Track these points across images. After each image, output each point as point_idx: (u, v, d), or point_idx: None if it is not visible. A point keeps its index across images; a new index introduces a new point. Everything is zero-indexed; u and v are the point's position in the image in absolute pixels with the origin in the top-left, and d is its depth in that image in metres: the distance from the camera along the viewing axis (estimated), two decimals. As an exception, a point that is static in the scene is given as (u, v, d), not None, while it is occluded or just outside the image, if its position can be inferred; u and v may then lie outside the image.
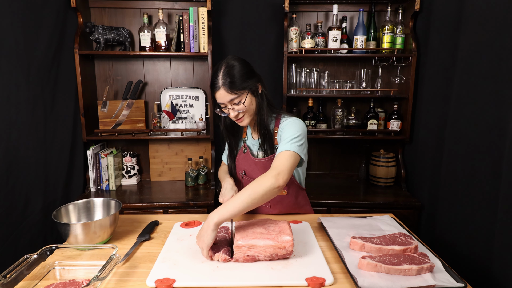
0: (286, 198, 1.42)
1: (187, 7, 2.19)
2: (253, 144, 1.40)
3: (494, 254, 1.27)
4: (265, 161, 1.34)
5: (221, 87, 1.21)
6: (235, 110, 1.25)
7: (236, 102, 1.23)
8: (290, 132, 1.24)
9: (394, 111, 2.26)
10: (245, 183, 1.44)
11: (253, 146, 1.40)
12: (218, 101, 1.25)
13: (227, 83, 1.20)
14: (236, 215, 1.06)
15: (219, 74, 1.21)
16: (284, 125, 1.29)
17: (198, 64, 2.38)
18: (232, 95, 1.21)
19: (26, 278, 0.93)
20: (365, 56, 2.23)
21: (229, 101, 1.22)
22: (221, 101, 1.24)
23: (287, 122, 1.29)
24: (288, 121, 1.29)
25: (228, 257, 1.02)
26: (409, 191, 2.25)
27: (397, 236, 1.11)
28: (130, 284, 0.94)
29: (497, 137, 1.32)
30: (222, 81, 1.20)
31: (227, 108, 1.26)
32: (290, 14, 2.20)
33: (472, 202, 1.47)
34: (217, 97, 1.24)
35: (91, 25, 2.08)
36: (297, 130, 1.25)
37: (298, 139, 1.23)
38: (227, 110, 1.27)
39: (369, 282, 0.89)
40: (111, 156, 2.20)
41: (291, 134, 1.24)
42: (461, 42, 1.60)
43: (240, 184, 1.48)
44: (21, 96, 1.65)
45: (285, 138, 1.24)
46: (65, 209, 1.21)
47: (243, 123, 1.30)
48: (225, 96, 1.21)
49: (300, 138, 1.24)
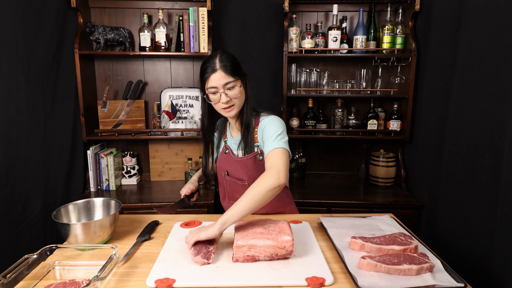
0: None
1: (187, 7, 2.19)
2: (233, 143, 1.41)
3: (494, 254, 1.27)
4: (245, 160, 1.36)
5: (218, 69, 1.22)
6: (227, 95, 1.25)
7: (230, 87, 1.24)
8: (273, 130, 1.25)
9: (394, 111, 2.26)
10: (227, 183, 1.45)
11: (233, 145, 1.41)
12: (212, 84, 1.23)
13: (225, 67, 1.22)
14: (242, 217, 1.07)
15: (215, 59, 1.24)
16: (263, 124, 1.31)
17: (198, 64, 2.38)
18: (229, 78, 1.22)
19: (26, 278, 0.93)
20: (365, 56, 2.23)
21: (224, 84, 1.23)
22: (216, 84, 1.23)
23: (266, 121, 1.31)
24: (267, 120, 1.31)
25: (205, 261, 1.00)
26: (409, 191, 2.25)
27: (397, 236, 1.11)
28: (130, 284, 0.94)
29: (497, 137, 1.32)
30: (220, 64, 1.23)
31: (219, 93, 1.25)
32: (290, 14, 2.20)
33: (472, 202, 1.47)
34: (211, 79, 1.23)
35: (91, 25, 2.08)
36: (279, 127, 1.27)
37: (282, 136, 1.25)
38: (218, 95, 1.25)
39: (369, 282, 0.89)
40: (111, 156, 2.20)
41: (274, 131, 1.25)
42: (461, 42, 1.60)
43: (222, 185, 1.48)
44: (21, 96, 1.65)
45: (270, 137, 1.24)
46: (65, 209, 1.21)
47: (232, 112, 1.29)
48: (221, 78, 1.22)
49: (284, 134, 1.26)
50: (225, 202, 1.53)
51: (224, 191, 1.49)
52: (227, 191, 1.48)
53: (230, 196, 1.48)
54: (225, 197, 1.51)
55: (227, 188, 1.47)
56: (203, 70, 1.26)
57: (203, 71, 1.26)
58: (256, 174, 1.32)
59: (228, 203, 1.50)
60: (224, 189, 1.49)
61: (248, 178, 1.37)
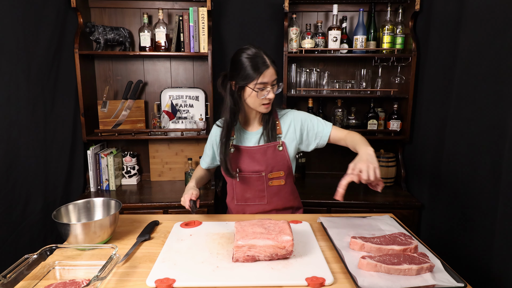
0: (284, 188, 1.44)
1: (187, 7, 2.19)
2: (252, 137, 1.43)
3: (494, 254, 1.27)
4: (265, 147, 1.39)
5: (270, 65, 1.28)
6: (273, 91, 1.32)
7: (274, 84, 1.31)
8: (314, 119, 1.43)
9: (394, 111, 2.26)
10: (238, 183, 1.45)
11: (252, 139, 1.43)
12: (264, 80, 1.28)
13: (274, 63, 1.30)
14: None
15: (261, 54, 1.29)
16: (291, 118, 1.43)
17: (198, 64, 2.38)
18: (276, 74, 1.30)
19: (26, 278, 0.93)
20: (365, 56, 2.23)
21: (273, 80, 1.30)
22: (268, 79, 1.29)
23: (295, 115, 1.44)
24: (295, 114, 1.44)
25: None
26: (409, 191, 2.25)
27: (397, 236, 1.11)
28: (130, 284, 0.94)
29: (497, 137, 1.32)
30: (270, 60, 1.29)
31: (266, 89, 1.30)
32: (290, 14, 2.20)
33: (472, 202, 1.47)
34: (264, 75, 1.27)
35: (91, 25, 2.08)
36: (312, 115, 1.45)
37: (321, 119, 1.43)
38: (266, 91, 1.30)
39: (369, 282, 0.89)
40: (111, 156, 2.20)
41: (316, 119, 1.43)
42: (461, 42, 1.60)
43: (231, 186, 1.48)
44: (21, 96, 1.65)
45: (317, 121, 1.42)
46: (65, 209, 1.21)
47: (269, 108, 1.37)
48: (273, 75, 1.29)
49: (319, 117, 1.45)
50: (233, 204, 1.50)
51: (233, 192, 1.48)
52: (236, 192, 1.47)
53: (239, 197, 1.47)
54: (233, 199, 1.49)
55: (236, 189, 1.46)
56: (257, 63, 1.27)
57: (258, 65, 1.27)
58: (273, 163, 1.39)
59: (237, 205, 1.48)
60: (233, 190, 1.48)
61: (266, 168, 1.39)
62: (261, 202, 1.45)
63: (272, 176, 1.41)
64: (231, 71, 1.35)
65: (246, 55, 1.29)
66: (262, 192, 1.43)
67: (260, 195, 1.44)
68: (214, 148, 1.51)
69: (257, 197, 1.44)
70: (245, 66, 1.28)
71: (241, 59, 1.30)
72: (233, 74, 1.33)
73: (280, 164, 1.40)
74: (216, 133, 1.48)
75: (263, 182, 1.42)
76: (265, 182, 1.42)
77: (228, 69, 1.38)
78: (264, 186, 1.42)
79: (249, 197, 1.45)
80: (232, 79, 1.34)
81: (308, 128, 1.42)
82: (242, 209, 1.49)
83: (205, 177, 1.60)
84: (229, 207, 1.55)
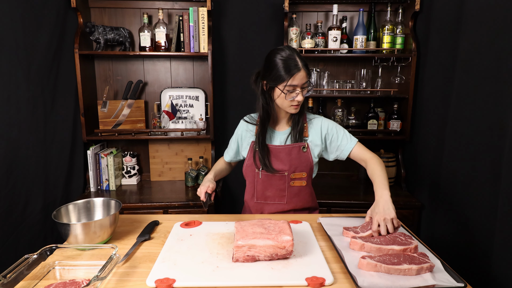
0: (304, 189, 1.45)
1: (187, 7, 2.19)
2: (280, 136, 1.44)
3: (494, 254, 1.27)
4: (290, 147, 1.41)
5: (302, 68, 1.28)
6: (302, 94, 1.32)
7: (304, 87, 1.31)
8: (341, 130, 1.44)
9: (394, 111, 2.26)
10: (260, 180, 1.45)
11: (280, 138, 1.44)
12: (294, 82, 1.29)
13: (306, 67, 1.29)
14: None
15: (295, 56, 1.29)
16: (319, 124, 1.43)
17: (198, 64, 2.38)
18: (307, 77, 1.30)
19: (26, 278, 0.93)
20: (365, 56, 2.23)
21: (304, 83, 1.29)
22: (299, 82, 1.29)
23: (323, 122, 1.44)
24: (324, 121, 1.44)
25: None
26: (409, 191, 2.25)
27: (397, 236, 1.11)
28: (130, 284, 0.94)
29: (497, 137, 1.32)
30: (302, 63, 1.28)
31: (296, 92, 1.31)
32: (290, 14, 2.20)
33: (472, 202, 1.47)
34: (295, 77, 1.28)
35: (91, 25, 2.08)
36: (340, 126, 1.45)
37: (347, 132, 1.44)
38: (295, 93, 1.31)
39: (369, 282, 0.89)
40: (111, 156, 2.20)
41: (343, 131, 1.44)
42: (461, 42, 1.60)
43: (253, 184, 1.47)
44: (21, 96, 1.65)
45: (343, 135, 1.42)
46: (65, 209, 1.21)
47: (298, 109, 1.37)
48: (303, 78, 1.29)
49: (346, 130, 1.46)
50: (252, 202, 1.50)
51: (254, 190, 1.48)
52: (257, 190, 1.47)
53: (259, 195, 1.47)
54: (253, 197, 1.49)
55: (257, 187, 1.46)
56: (289, 65, 1.28)
57: (289, 67, 1.28)
58: (297, 163, 1.40)
59: (256, 203, 1.49)
60: (254, 188, 1.47)
61: (289, 167, 1.40)
62: (280, 202, 1.46)
63: (294, 177, 1.42)
64: (264, 71, 1.36)
65: (280, 56, 1.30)
66: (283, 191, 1.44)
67: (280, 194, 1.44)
68: (239, 142, 1.52)
69: (277, 196, 1.45)
70: (277, 67, 1.29)
71: (275, 59, 1.30)
72: (265, 73, 1.35)
73: (303, 165, 1.41)
74: (243, 128, 1.51)
75: (285, 182, 1.42)
76: (287, 182, 1.42)
77: (262, 67, 1.39)
78: (285, 185, 1.43)
79: (270, 195, 1.46)
80: (264, 78, 1.35)
81: (332, 138, 1.43)
82: (260, 207, 1.49)
83: (225, 171, 1.61)
84: (247, 204, 1.55)
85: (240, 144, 1.53)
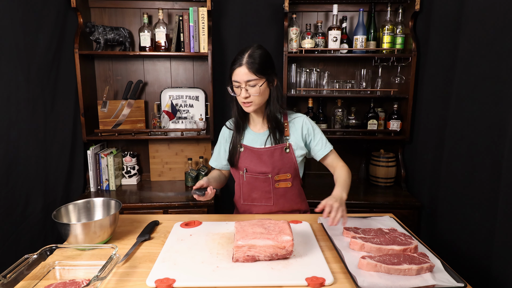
0: (290, 190, 1.44)
1: (187, 7, 2.19)
2: (259, 138, 1.43)
3: (494, 254, 1.27)
4: (272, 149, 1.40)
5: (243, 64, 1.27)
6: (247, 92, 1.30)
7: (252, 84, 1.29)
8: (319, 133, 1.45)
9: (394, 111, 2.26)
10: (246, 182, 1.45)
11: (258, 140, 1.43)
12: (235, 78, 1.30)
13: (250, 63, 1.27)
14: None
15: (245, 54, 1.29)
16: (301, 123, 1.43)
17: (198, 64, 2.38)
18: (251, 75, 1.27)
19: (26, 278, 0.93)
20: (365, 56, 2.23)
21: (246, 81, 1.28)
22: (238, 78, 1.29)
23: (305, 121, 1.44)
24: (305, 120, 1.44)
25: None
26: (409, 191, 2.25)
27: (397, 236, 1.11)
28: (130, 284, 0.94)
29: (497, 137, 1.32)
30: (246, 59, 1.27)
31: (240, 88, 1.30)
32: (290, 14, 2.20)
33: (472, 202, 1.47)
34: (235, 73, 1.29)
35: (91, 25, 2.08)
36: (319, 130, 1.46)
37: (325, 137, 1.46)
38: (240, 90, 1.31)
39: (369, 282, 0.89)
40: (111, 156, 2.20)
41: (321, 134, 1.45)
42: (461, 42, 1.60)
43: (239, 185, 1.48)
44: (21, 96, 1.65)
45: (319, 140, 1.43)
46: (65, 209, 1.21)
47: (250, 108, 1.35)
48: (244, 75, 1.28)
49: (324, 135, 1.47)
50: (239, 203, 1.51)
51: (240, 191, 1.48)
52: (243, 192, 1.47)
53: (245, 197, 1.47)
54: (240, 198, 1.49)
55: (243, 189, 1.47)
56: (233, 60, 1.31)
57: (233, 62, 1.31)
58: (280, 165, 1.39)
59: (243, 204, 1.49)
60: (240, 189, 1.48)
61: (272, 170, 1.39)
62: (267, 203, 1.45)
63: (278, 178, 1.41)
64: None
65: (238, 52, 1.32)
66: (269, 193, 1.44)
67: (266, 196, 1.44)
68: (224, 147, 1.52)
69: (264, 198, 1.45)
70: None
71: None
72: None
73: (287, 166, 1.41)
74: (224, 133, 1.52)
75: (269, 184, 1.42)
76: (272, 184, 1.42)
77: None
78: (270, 187, 1.42)
79: (256, 197, 1.46)
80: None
81: (310, 139, 1.44)
82: (248, 209, 1.49)
83: (218, 178, 1.51)
84: (237, 206, 1.56)
85: (225, 148, 1.51)
